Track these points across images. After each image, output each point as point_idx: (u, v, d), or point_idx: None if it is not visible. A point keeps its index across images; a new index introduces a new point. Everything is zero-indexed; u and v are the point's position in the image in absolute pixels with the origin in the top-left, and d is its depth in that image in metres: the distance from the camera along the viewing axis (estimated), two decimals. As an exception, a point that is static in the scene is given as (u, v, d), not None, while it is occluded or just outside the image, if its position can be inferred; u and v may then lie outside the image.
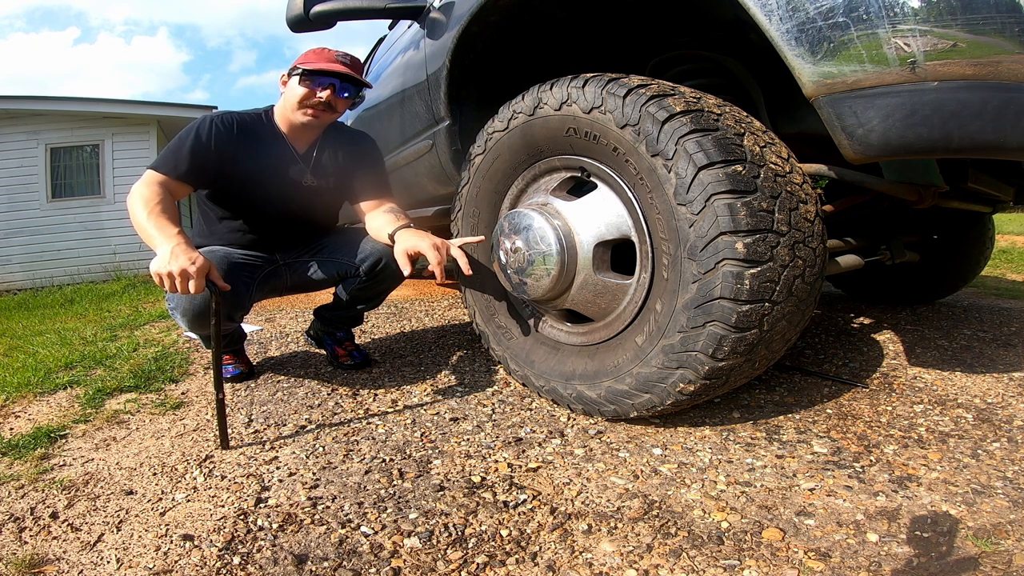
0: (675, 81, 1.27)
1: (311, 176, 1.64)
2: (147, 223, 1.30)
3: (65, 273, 7.62)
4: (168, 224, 1.30)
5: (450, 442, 1.24)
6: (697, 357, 1.06)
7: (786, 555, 0.82)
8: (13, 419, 1.51)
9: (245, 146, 1.54)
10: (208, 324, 1.46)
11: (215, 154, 1.49)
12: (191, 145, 1.46)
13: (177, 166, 1.44)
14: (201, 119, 1.52)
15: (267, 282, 1.68)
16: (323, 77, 1.51)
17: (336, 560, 0.84)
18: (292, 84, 1.54)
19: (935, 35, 0.87)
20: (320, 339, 1.93)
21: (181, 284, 1.19)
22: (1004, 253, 5.23)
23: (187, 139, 1.47)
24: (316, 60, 1.52)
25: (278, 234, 1.70)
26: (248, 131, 1.56)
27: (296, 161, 1.62)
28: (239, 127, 1.54)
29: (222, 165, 1.52)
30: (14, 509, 1.03)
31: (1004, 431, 1.22)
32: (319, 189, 1.66)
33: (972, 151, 0.93)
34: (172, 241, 1.23)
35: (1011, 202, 1.90)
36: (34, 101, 7.80)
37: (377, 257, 1.62)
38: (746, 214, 0.99)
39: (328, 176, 1.67)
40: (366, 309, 1.86)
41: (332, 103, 1.54)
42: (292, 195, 1.63)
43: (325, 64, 1.50)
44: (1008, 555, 0.80)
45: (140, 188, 1.38)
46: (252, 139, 1.56)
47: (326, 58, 1.52)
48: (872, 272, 2.39)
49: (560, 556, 0.84)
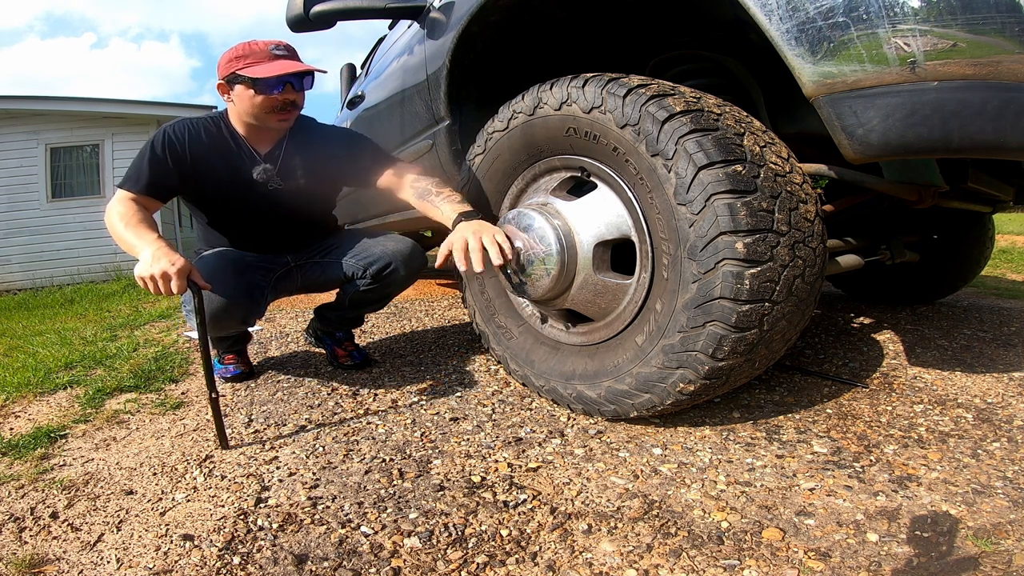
0: (675, 81, 1.27)
1: (278, 178, 1.59)
2: (126, 233, 1.34)
3: (65, 273, 7.62)
4: (147, 231, 1.34)
5: (450, 442, 1.24)
6: (697, 357, 1.06)
7: (786, 555, 0.82)
8: (13, 419, 1.51)
9: (201, 154, 1.51)
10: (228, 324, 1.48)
11: (172, 166, 1.47)
12: (148, 159, 1.45)
13: (139, 181, 1.44)
14: (157, 132, 1.51)
15: (280, 283, 1.68)
16: (275, 81, 1.45)
17: (336, 560, 0.84)
18: (240, 92, 1.48)
19: (935, 35, 0.87)
20: (320, 338, 1.93)
21: (164, 286, 1.22)
22: (1004, 253, 5.23)
23: (145, 154, 1.46)
24: (256, 63, 1.45)
25: (267, 238, 1.67)
26: (201, 139, 1.52)
27: (258, 163, 1.57)
28: (191, 136, 1.51)
29: (182, 175, 1.50)
30: (14, 509, 1.03)
31: (1004, 431, 1.22)
32: (290, 191, 1.61)
33: (972, 151, 0.93)
34: (152, 246, 1.27)
35: (1011, 202, 1.90)
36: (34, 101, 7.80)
37: (386, 262, 1.62)
38: (746, 214, 0.99)
39: (297, 177, 1.61)
40: (369, 311, 1.86)
41: (296, 100, 1.51)
42: (262, 199, 1.59)
43: (269, 69, 1.44)
44: (1008, 555, 0.80)
45: (114, 206, 1.41)
46: (206, 147, 1.52)
47: (265, 57, 1.45)
48: (872, 272, 2.39)
49: (560, 556, 0.84)
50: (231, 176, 1.56)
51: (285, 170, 1.60)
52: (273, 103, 1.47)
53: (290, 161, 1.61)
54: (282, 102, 1.48)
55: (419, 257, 1.71)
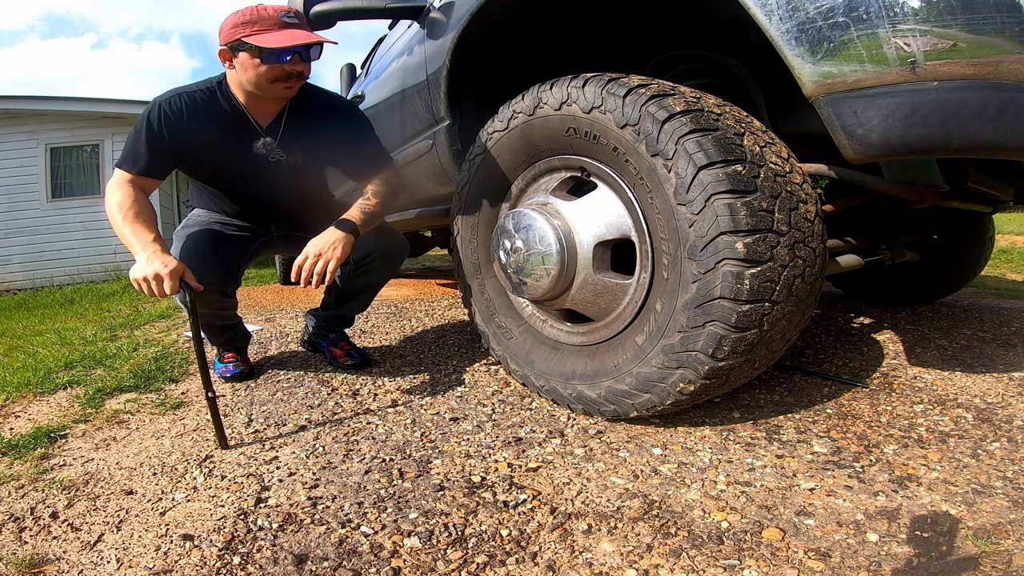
0: (675, 81, 1.27)
1: (278, 151, 1.54)
2: (123, 230, 1.36)
3: (65, 273, 7.62)
4: (143, 231, 1.35)
5: (450, 442, 1.24)
6: (697, 357, 1.06)
7: (786, 555, 0.82)
8: (13, 419, 1.51)
9: (199, 127, 1.45)
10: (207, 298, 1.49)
11: (170, 141, 1.42)
12: (145, 137, 1.41)
13: (137, 161, 1.41)
14: (151, 105, 1.43)
15: (261, 250, 1.71)
16: (284, 51, 1.38)
17: (336, 560, 0.84)
18: (244, 61, 1.40)
19: (935, 35, 0.87)
20: (315, 344, 1.93)
21: (156, 287, 1.26)
22: (1004, 253, 5.23)
23: (141, 131, 1.41)
24: (264, 31, 1.37)
25: (261, 209, 1.66)
26: (200, 110, 1.45)
27: (259, 136, 1.52)
28: (189, 108, 1.44)
29: (180, 149, 1.45)
30: (14, 509, 1.03)
31: (1004, 431, 1.22)
32: (289, 164, 1.58)
33: (972, 151, 0.93)
34: (148, 249, 1.31)
35: (1011, 202, 1.90)
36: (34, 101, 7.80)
37: (368, 251, 1.63)
38: (746, 214, 0.99)
39: (297, 152, 1.57)
40: (356, 309, 1.85)
41: (303, 71, 1.45)
42: (261, 172, 1.56)
43: (279, 39, 1.36)
44: (1008, 555, 0.80)
45: (112, 190, 1.40)
46: (206, 118, 1.46)
47: (275, 24, 1.38)
48: (872, 272, 2.39)
49: (560, 556, 0.84)
50: (230, 149, 1.51)
51: (285, 143, 1.56)
52: (279, 73, 1.40)
53: (291, 134, 1.56)
54: (288, 73, 1.41)
55: (400, 247, 1.73)
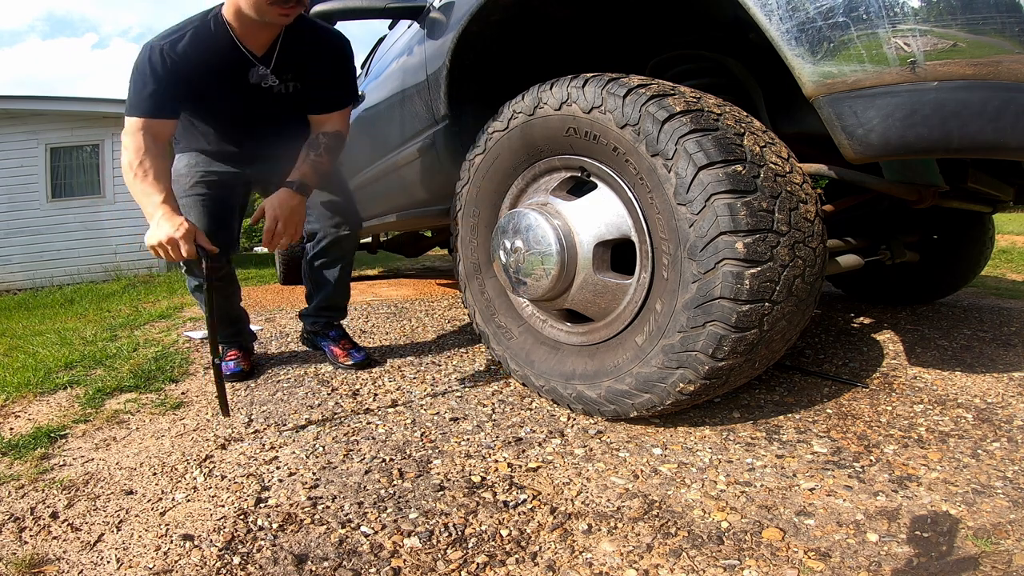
0: (675, 81, 1.27)
1: (272, 77, 1.54)
2: (134, 187, 1.37)
3: (65, 273, 7.63)
4: (154, 190, 1.35)
5: (450, 442, 1.24)
6: (697, 357, 1.06)
7: (786, 555, 0.82)
8: (13, 419, 1.51)
9: (200, 61, 1.44)
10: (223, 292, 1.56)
11: (179, 78, 1.42)
12: (152, 81, 1.39)
13: (144, 104, 1.39)
14: (147, 50, 1.42)
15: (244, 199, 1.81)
16: None
17: (336, 560, 0.84)
18: None
19: (935, 35, 0.87)
20: (315, 343, 1.93)
21: (174, 252, 1.27)
22: (1004, 253, 5.23)
23: (146, 74, 1.39)
24: None
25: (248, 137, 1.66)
26: (199, 45, 1.44)
27: (254, 64, 1.52)
28: (191, 44, 1.43)
29: (188, 85, 1.45)
30: (14, 509, 1.03)
31: (1004, 431, 1.22)
32: (282, 92, 1.58)
33: (972, 151, 0.93)
34: (158, 211, 1.31)
35: (1011, 202, 1.90)
36: (34, 101, 7.81)
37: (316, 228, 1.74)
38: (746, 214, 0.99)
39: (289, 79, 1.57)
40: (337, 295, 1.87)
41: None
42: (253, 102, 1.56)
43: None
44: (1008, 555, 0.81)
45: (127, 145, 1.39)
46: (205, 52, 1.45)
47: None
48: (872, 272, 2.39)
49: (560, 556, 0.84)
50: (225, 79, 1.51)
51: (278, 71, 1.56)
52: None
53: (284, 63, 1.56)
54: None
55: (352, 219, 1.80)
